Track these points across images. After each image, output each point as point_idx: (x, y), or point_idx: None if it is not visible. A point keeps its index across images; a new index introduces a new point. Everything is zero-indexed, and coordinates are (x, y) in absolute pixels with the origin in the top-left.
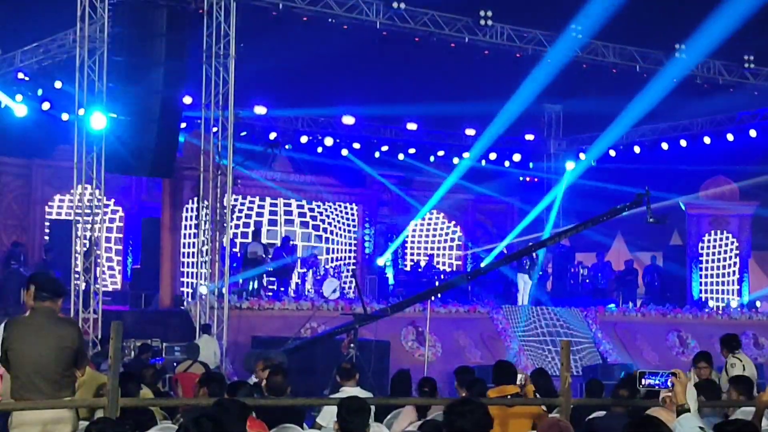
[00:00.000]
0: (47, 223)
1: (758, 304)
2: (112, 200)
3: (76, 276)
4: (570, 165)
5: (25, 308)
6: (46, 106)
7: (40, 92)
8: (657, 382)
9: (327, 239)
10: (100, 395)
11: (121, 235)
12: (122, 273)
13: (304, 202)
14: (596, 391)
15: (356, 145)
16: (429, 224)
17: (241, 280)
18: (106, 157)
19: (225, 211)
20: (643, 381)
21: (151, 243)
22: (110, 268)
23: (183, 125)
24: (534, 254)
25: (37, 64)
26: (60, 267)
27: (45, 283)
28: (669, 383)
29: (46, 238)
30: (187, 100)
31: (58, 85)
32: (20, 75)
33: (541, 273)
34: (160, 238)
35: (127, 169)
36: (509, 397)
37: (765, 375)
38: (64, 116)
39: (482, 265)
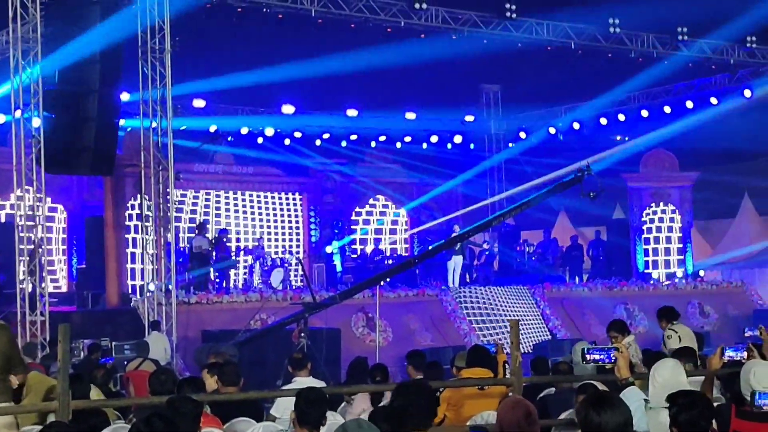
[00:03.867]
0: None
1: (702, 273)
2: (52, 201)
3: (21, 279)
4: (511, 144)
5: None
6: None
7: None
8: (601, 357)
9: (272, 230)
10: (50, 399)
11: (64, 236)
12: (68, 273)
13: (245, 194)
14: (542, 368)
15: (297, 134)
16: (375, 211)
17: (188, 277)
18: (46, 158)
19: (168, 206)
20: (587, 356)
21: (95, 242)
22: (55, 269)
23: (122, 122)
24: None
25: None
26: (4, 270)
27: None
28: (612, 357)
29: None
30: (125, 96)
31: None
32: None
33: (488, 252)
34: (104, 237)
35: (67, 169)
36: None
37: (712, 343)
38: (0, 118)
39: (430, 248)
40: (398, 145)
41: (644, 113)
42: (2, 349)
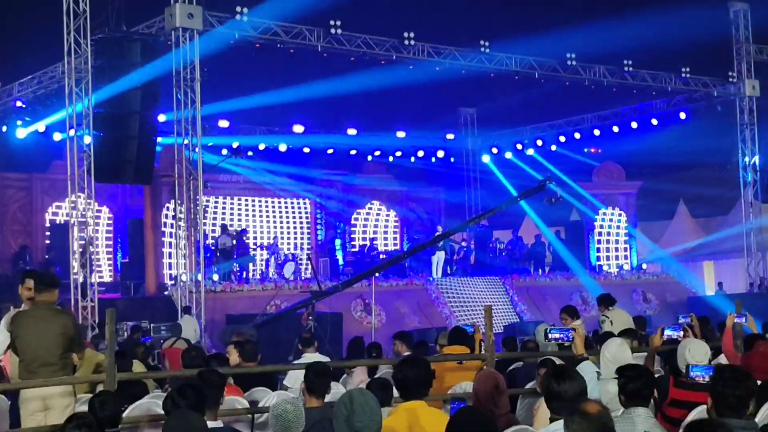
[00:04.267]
0: (47, 227)
1: (644, 266)
2: (100, 205)
3: (75, 271)
4: (485, 158)
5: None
6: (41, 128)
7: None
8: (561, 335)
9: (285, 230)
10: (99, 372)
11: (110, 235)
12: (113, 266)
13: (262, 200)
14: (511, 346)
15: (306, 150)
16: (372, 213)
17: (215, 269)
18: (95, 169)
19: (198, 210)
20: (549, 335)
21: (136, 240)
22: (104, 262)
23: (159, 139)
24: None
25: (32, 93)
26: (60, 264)
27: (41, 277)
28: (570, 336)
29: (47, 241)
30: (162, 118)
31: (51, 110)
32: (18, 103)
33: (465, 248)
34: (144, 236)
35: (113, 178)
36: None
37: (652, 324)
38: (57, 136)
39: (417, 245)
40: (390, 158)
41: (596, 132)
42: (67, 331)
